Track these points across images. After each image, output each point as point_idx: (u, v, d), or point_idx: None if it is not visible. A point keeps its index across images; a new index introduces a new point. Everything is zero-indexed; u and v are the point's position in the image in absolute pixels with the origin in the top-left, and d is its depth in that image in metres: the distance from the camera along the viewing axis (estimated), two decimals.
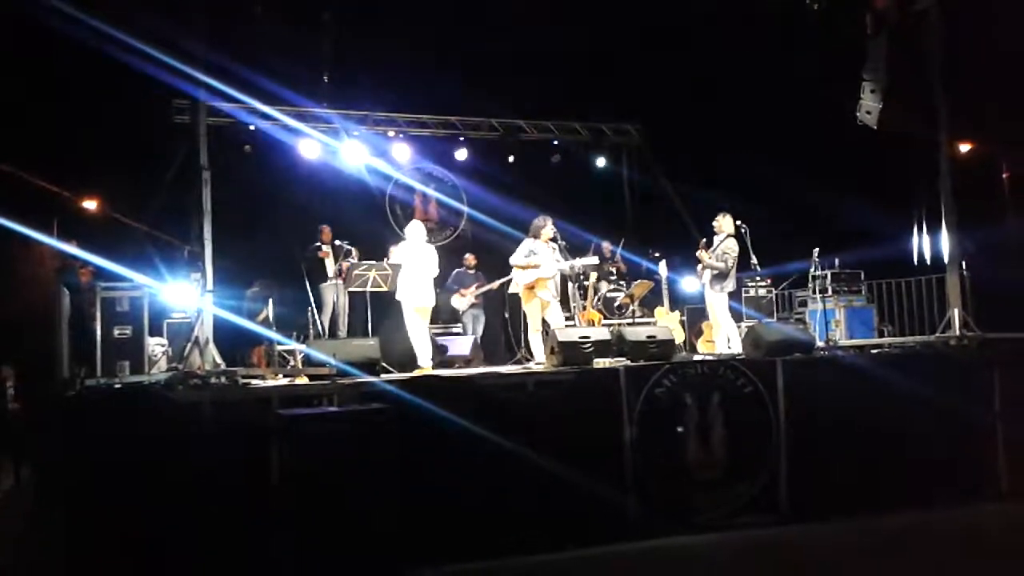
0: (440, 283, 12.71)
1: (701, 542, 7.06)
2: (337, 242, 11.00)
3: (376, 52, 11.61)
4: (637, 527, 7.20)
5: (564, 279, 10.21)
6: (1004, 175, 13.04)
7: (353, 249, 10.79)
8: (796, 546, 6.90)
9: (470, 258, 12.72)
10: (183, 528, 6.04)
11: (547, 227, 9.54)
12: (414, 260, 9.62)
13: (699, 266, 9.71)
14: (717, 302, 9.60)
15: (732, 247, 9.52)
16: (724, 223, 9.68)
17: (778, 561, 6.53)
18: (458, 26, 10.88)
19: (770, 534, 7.22)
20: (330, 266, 11.22)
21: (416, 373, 8.81)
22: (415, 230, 9.90)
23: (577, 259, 9.83)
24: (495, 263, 11.98)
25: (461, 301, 12.27)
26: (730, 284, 9.61)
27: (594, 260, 10.51)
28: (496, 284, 11.93)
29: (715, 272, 9.52)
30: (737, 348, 9.19)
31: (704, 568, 6.42)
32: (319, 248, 11.27)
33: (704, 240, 9.77)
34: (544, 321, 9.55)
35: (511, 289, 10.26)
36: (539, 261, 9.41)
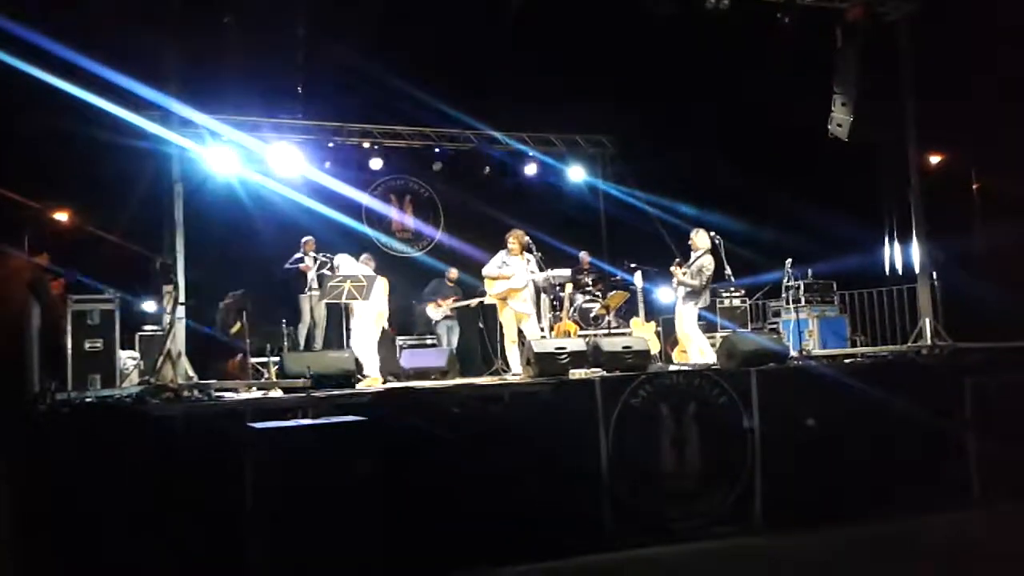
0: (416, 295, 12.74)
1: (676, 552, 7.07)
2: (313, 254, 10.93)
3: (350, 64, 11.58)
4: (613, 538, 7.21)
5: (539, 291, 10.22)
6: (974, 186, 13.22)
7: (333, 260, 10.73)
8: (771, 556, 6.91)
9: (452, 272, 12.71)
10: (154, 544, 5.98)
11: (520, 239, 9.56)
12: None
13: (673, 280, 9.74)
14: (687, 315, 9.61)
15: (708, 263, 9.52)
16: (699, 240, 9.68)
17: (753, 571, 6.54)
18: (433, 38, 10.88)
19: (745, 544, 7.25)
20: (311, 277, 11.08)
21: (365, 385, 8.61)
22: (346, 262, 9.87)
23: (550, 270, 9.85)
24: (470, 273, 12.01)
25: (436, 311, 12.25)
26: (703, 299, 9.64)
27: (567, 272, 10.53)
28: (474, 302, 11.91)
29: (689, 288, 9.54)
30: (711, 358, 9.23)
31: None
32: (301, 260, 11.16)
33: (678, 259, 9.79)
34: (520, 332, 9.55)
35: (487, 300, 10.26)
36: (511, 272, 9.42)
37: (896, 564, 6.50)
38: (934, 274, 10.00)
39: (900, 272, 12.48)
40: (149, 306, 9.83)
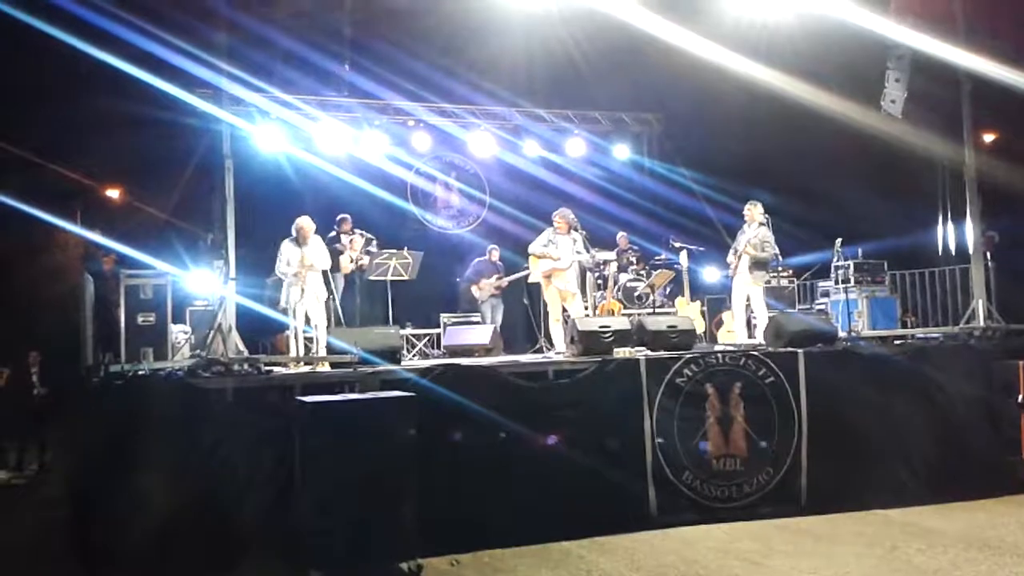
0: (461, 272, 12.77)
1: (721, 531, 7.06)
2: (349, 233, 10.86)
3: (396, 42, 11.60)
4: (658, 516, 7.23)
5: (583, 269, 10.20)
6: None
7: (373, 238, 10.76)
8: (816, 536, 6.87)
9: (494, 250, 12.70)
10: (205, 513, 6.11)
11: (567, 218, 9.54)
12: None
13: (735, 256, 9.60)
14: (757, 292, 9.53)
15: (770, 235, 9.48)
16: (756, 212, 9.62)
17: (798, 552, 6.51)
18: (478, 16, 10.83)
19: (790, 524, 7.21)
20: (344, 258, 10.92)
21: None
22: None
23: (596, 250, 9.83)
24: (517, 251, 12.02)
25: (480, 293, 12.28)
26: (766, 273, 9.62)
27: (611, 255, 10.48)
28: (516, 276, 11.90)
29: (756, 261, 9.45)
30: (759, 338, 9.19)
31: (723, 557, 6.41)
32: (337, 239, 11.14)
33: (736, 247, 9.73)
34: (565, 310, 9.55)
35: (531, 279, 10.27)
36: (556, 251, 9.41)
37: (941, 547, 6.42)
38: (988, 254, 9.80)
39: (953, 252, 12.24)
40: (198, 281, 9.95)
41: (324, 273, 9.65)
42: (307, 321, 10.14)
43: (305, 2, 10.47)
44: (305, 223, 9.26)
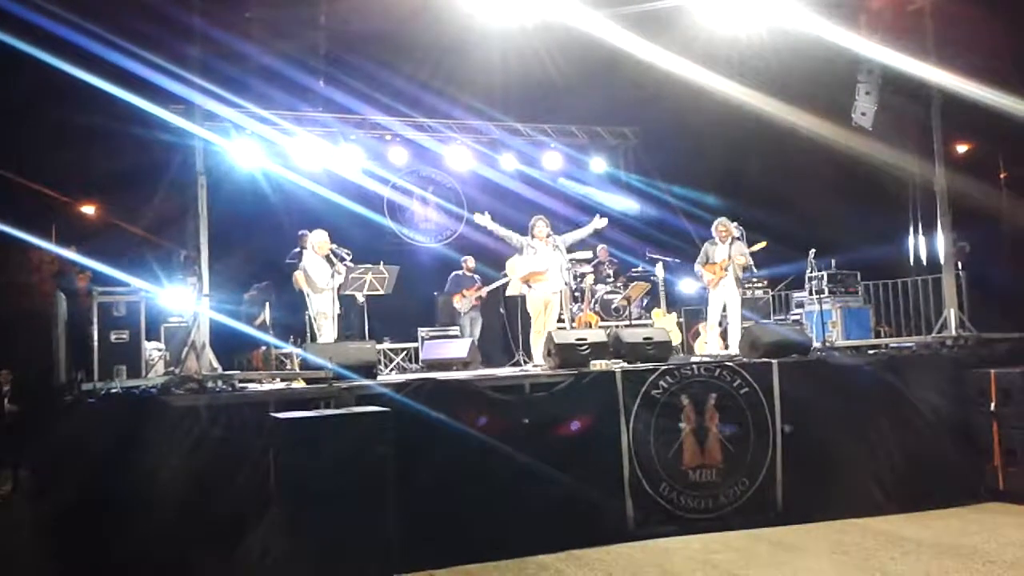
0: (439, 286, 12.77)
1: (699, 543, 7.08)
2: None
3: (372, 56, 11.61)
4: (635, 528, 7.24)
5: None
6: (1000, 175, 13.06)
7: (349, 253, 10.72)
8: (792, 546, 6.90)
9: (469, 261, 12.72)
10: (179, 532, 6.06)
11: (546, 225, 9.58)
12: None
13: (718, 269, 9.72)
14: (739, 302, 9.83)
15: (746, 248, 9.73)
16: (732, 227, 9.84)
17: (775, 561, 6.53)
18: (455, 31, 10.86)
19: (766, 534, 7.24)
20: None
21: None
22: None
23: (573, 254, 9.89)
24: (493, 266, 12.04)
25: (461, 304, 12.28)
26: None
27: (588, 254, 10.52)
28: (497, 285, 11.92)
29: (740, 273, 9.75)
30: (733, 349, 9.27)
31: (701, 568, 6.43)
32: (299, 254, 11.08)
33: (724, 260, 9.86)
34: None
35: (509, 292, 10.27)
36: (536, 255, 9.44)
37: (916, 557, 6.47)
38: (959, 264, 9.91)
39: (925, 262, 12.36)
40: (173, 298, 9.90)
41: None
42: (288, 339, 10.15)
43: (280, 17, 10.45)
44: (326, 237, 9.54)
